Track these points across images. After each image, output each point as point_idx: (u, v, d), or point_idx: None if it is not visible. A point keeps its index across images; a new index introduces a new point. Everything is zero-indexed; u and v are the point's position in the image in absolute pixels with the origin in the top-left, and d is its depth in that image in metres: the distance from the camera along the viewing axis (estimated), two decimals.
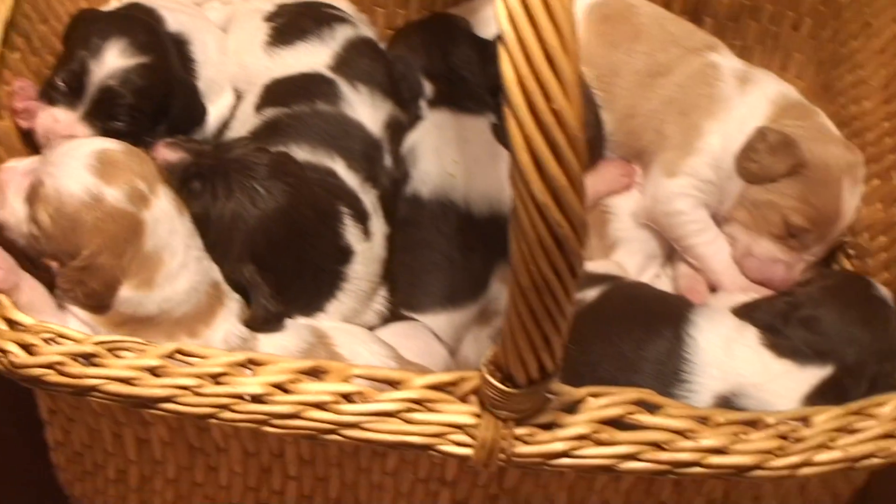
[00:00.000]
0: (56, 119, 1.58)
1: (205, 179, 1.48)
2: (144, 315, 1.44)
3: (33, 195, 1.43)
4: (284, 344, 1.49)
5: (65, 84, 1.58)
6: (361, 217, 1.57)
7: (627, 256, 1.69)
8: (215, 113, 1.70)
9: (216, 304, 1.48)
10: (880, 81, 1.64)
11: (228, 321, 1.48)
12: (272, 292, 1.47)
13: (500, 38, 1.00)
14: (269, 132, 1.60)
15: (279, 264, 1.49)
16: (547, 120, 1.01)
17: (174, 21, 1.70)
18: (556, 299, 1.11)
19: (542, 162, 1.02)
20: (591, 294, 1.53)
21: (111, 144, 1.48)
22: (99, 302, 1.43)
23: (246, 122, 1.65)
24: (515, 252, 1.09)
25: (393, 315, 1.63)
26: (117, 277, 1.43)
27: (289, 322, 1.50)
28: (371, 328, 1.61)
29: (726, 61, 1.73)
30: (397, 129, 1.66)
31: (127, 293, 1.43)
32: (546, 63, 1.00)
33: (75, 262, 1.42)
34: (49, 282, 1.47)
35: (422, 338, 1.59)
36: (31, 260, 1.46)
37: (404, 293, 1.61)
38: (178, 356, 1.30)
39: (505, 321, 1.16)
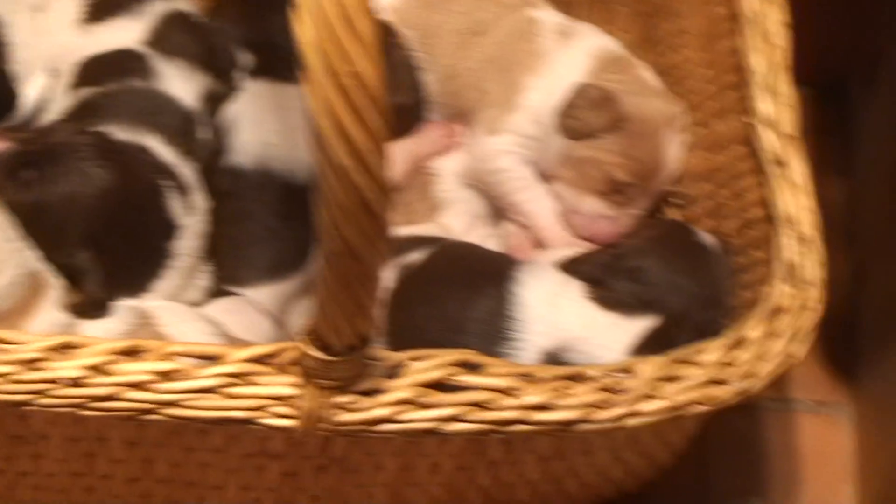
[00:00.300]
0: None
1: (36, 167, 1.48)
2: None
3: None
4: (108, 328, 1.49)
5: None
6: (184, 191, 1.58)
7: (454, 217, 1.70)
8: (31, 95, 1.68)
9: (37, 294, 1.47)
10: (699, 29, 1.67)
11: (49, 311, 1.47)
12: (103, 277, 1.47)
13: (294, 1, 1.01)
14: (85, 112, 1.60)
15: (113, 246, 1.49)
16: (347, 83, 1.01)
17: None
18: (365, 264, 1.13)
19: (344, 125, 1.02)
20: (415, 257, 1.55)
21: None
22: None
23: (62, 103, 1.64)
24: (322, 219, 1.10)
25: (218, 290, 1.63)
26: None
27: (113, 305, 1.50)
28: (197, 305, 1.61)
29: (546, 16, 1.74)
30: (215, 102, 1.67)
31: None
32: (344, 24, 0.99)
33: None
34: None
35: (247, 312, 1.59)
36: None
37: (228, 267, 1.62)
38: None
39: (317, 289, 1.17)
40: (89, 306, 1.46)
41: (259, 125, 1.63)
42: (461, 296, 1.51)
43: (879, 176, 1.86)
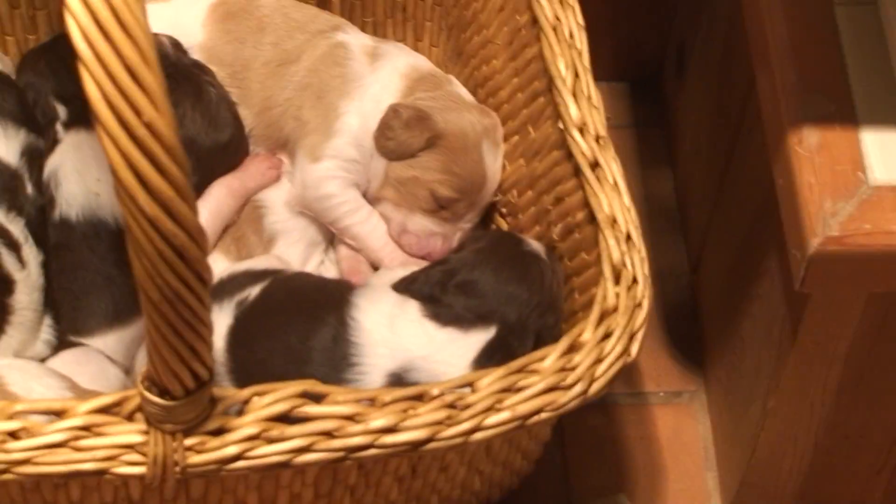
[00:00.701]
0: None
1: None
2: None
3: None
4: None
5: None
6: (14, 247, 1.59)
7: (288, 248, 1.73)
8: None
9: None
10: (504, 39, 1.71)
11: None
12: None
13: (78, 58, 1.01)
14: None
15: None
16: (140, 133, 1.02)
17: None
18: (190, 308, 1.14)
19: (144, 176, 1.04)
20: (253, 292, 1.56)
21: None
22: None
23: None
24: (138, 269, 1.11)
25: (63, 342, 1.64)
26: None
27: None
28: (42, 359, 1.61)
29: (355, 39, 1.78)
30: (37, 156, 1.67)
31: None
32: (129, 78, 1.01)
33: None
34: None
35: (94, 362, 1.61)
36: None
37: (69, 318, 1.63)
38: None
39: (147, 337, 1.18)
40: None
41: (82, 175, 1.64)
42: (301, 327, 1.53)
43: (700, 165, 1.91)
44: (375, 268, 1.72)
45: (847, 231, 1.40)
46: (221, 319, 1.53)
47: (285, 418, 1.32)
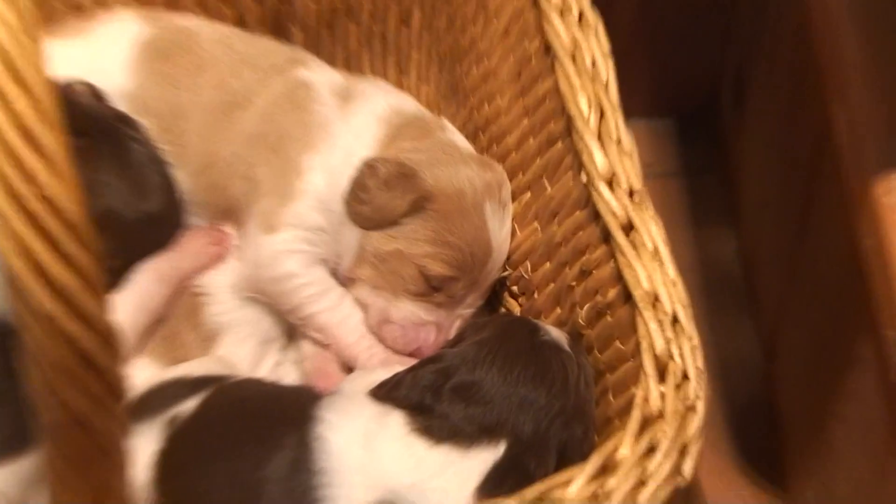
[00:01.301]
0: None
1: None
2: None
3: None
4: None
5: None
6: None
7: (235, 346, 1.69)
8: None
9: None
10: (510, 70, 1.69)
11: None
12: None
13: None
14: None
15: None
16: (35, 209, 0.98)
17: None
18: (98, 434, 1.07)
19: (42, 264, 0.99)
20: (189, 406, 1.50)
21: None
22: None
23: None
24: (34, 383, 1.05)
25: None
26: None
27: None
28: None
29: (321, 77, 1.76)
30: None
31: None
32: (21, 139, 0.97)
33: None
34: None
35: None
36: None
37: None
38: None
39: (45, 472, 1.12)
40: None
41: None
42: (251, 451, 1.45)
43: (769, 221, 1.88)
44: (349, 369, 1.67)
45: None
46: (146, 444, 1.48)
47: None
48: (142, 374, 1.57)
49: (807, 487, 1.81)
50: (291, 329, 1.73)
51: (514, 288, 1.73)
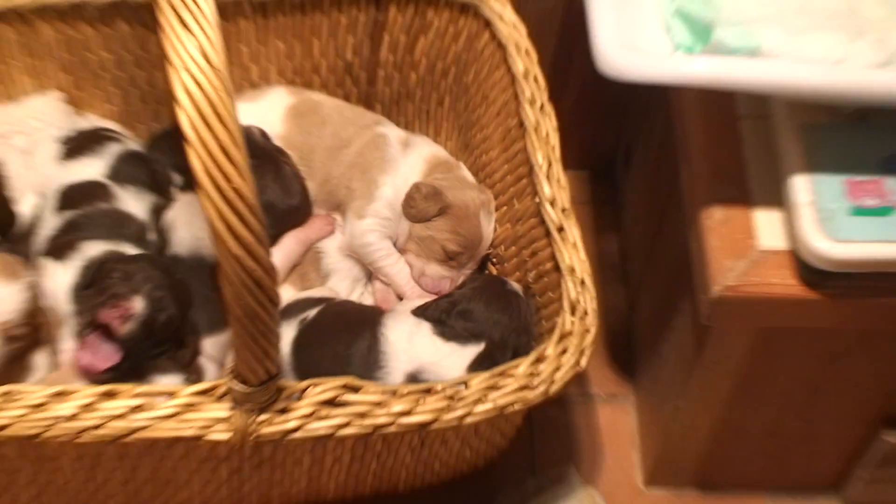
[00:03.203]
0: None
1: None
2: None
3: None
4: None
5: None
6: None
7: (338, 282, 1.70)
8: (26, 212, 1.66)
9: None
10: (499, 137, 1.69)
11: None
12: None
13: (186, 140, 1.04)
14: (70, 229, 1.59)
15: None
16: (230, 196, 1.05)
17: None
18: (263, 323, 1.15)
19: (233, 227, 1.06)
20: (311, 313, 1.55)
21: None
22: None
23: (51, 222, 1.62)
24: (227, 293, 1.12)
25: None
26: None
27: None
28: None
29: (391, 132, 1.74)
30: (158, 211, 1.66)
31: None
32: (223, 155, 1.04)
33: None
34: None
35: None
36: None
37: None
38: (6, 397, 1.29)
39: (233, 342, 1.20)
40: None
41: (189, 225, 1.62)
42: (345, 339, 1.52)
43: (638, 232, 1.89)
44: (400, 299, 1.70)
45: (740, 283, 1.40)
46: (287, 332, 1.52)
47: (332, 403, 1.32)
48: (286, 294, 1.59)
49: (644, 379, 1.82)
50: (369, 274, 1.73)
51: (494, 260, 1.72)
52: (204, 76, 1.02)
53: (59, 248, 1.58)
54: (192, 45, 1.02)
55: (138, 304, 1.45)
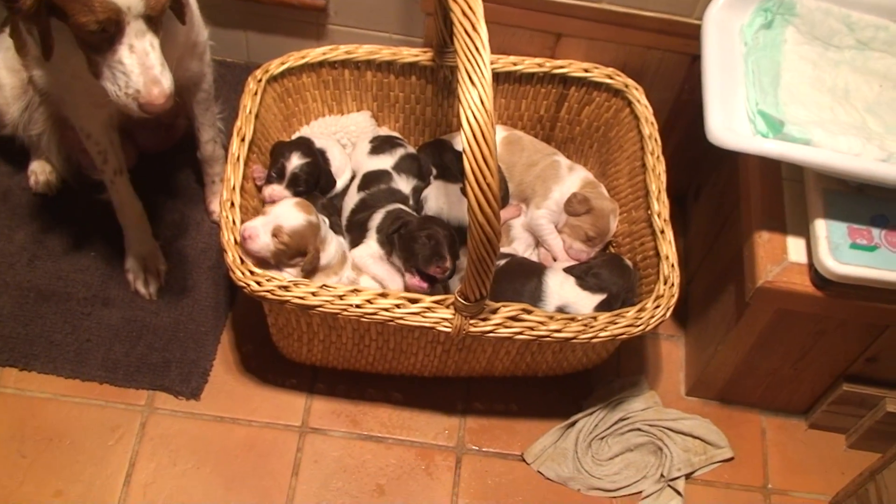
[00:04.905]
0: (274, 190, 1.56)
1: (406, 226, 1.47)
2: (319, 267, 1.45)
3: (277, 231, 1.40)
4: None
5: (276, 174, 1.56)
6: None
7: (519, 245, 1.68)
8: (340, 184, 1.68)
9: (343, 260, 1.49)
10: (626, 172, 1.66)
11: (347, 269, 1.49)
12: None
13: (463, 152, 1.06)
14: (364, 205, 1.61)
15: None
16: (483, 185, 1.08)
17: (319, 143, 1.65)
18: (486, 265, 1.19)
19: (482, 201, 1.10)
20: (501, 262, 1.54)
21: (296, 199, 1.48)
22: (315, 266, 1.43)
23: (354, 198, 1.61)
24: (469, 244, 1.15)
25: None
26: (320, 254, 1.44)
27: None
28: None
29: (562, 160, 1.70)
30: (419, 191, 1.66)
31: (322, 258, 1.44)
32: (483, 162, 1.07)
33: (308, 255, 1.41)
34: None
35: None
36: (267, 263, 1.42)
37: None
38: (323, 288, 1.34)
39: (466, 273, 1.23)
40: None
41: (438, 200, 1.62)
42: (521, 280, 1.52)
43: (699, 240, 1.80)
44: (555, 260, 1.66)
45: (774, 279, 1.41)
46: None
47: (513, 318, 1.36)
48: None
49: (693, 328, 1.73)
50: (538, 243, 1.69)
51: (614, 244, 1.68)
52: (480, 114, 1.06)
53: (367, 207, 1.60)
54: (475, 95, 1.06)
55: (449, 264, 1.48)
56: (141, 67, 1.19)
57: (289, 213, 1.43)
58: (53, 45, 1.23)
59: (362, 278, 1.51)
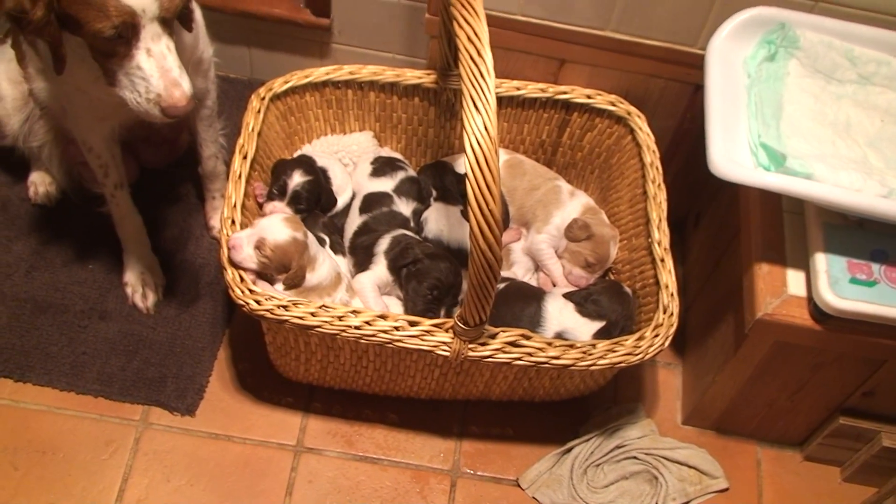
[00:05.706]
0: (275, 207, 1.56)
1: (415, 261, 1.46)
2: (310, 287, 1.44)
3: (260, 244, 1.39)
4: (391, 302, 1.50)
5: (277, 191, 1.57)
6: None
7: (518, 269, 1.68)
8: (340, 203, 1.68)
9: (337, 281, 1.47)
10: (627, 199, 1.66)
11: (342, 291, 1.47)
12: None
13: (466, 177, 1.05)
14: (366, 228, 1.61)
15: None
16: (486, 211, 1.08)
17: (321, 162, 1.66)
18: (487, 290, 1.18)
19: (483, 227, 1.09)
20: (500, 286, 1.53)
21: (287, 215, 1.47)
22: (298, 283, 1.42)
23: (356, 221, 1.61)
24: (471, 267, 1.14)
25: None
26: (305, 271, 1.42)
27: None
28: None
29: (564, 185, 1.71)
30: (419, 213, 1.65)
31: (309, 276, 1.43)
32: (486, 188, 1.07)
33: (291, 270, 1.41)
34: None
35: None
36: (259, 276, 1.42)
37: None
38: (322, 308, 1.33)
39: (465, 296, 1.21)
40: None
41: (438, 222, 1.62)
42: (521, 305, 1.52)
43: (697, 268, 1.80)
44: (554, 286, 1.66)
45: (773, 312, 1.40)
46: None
47: (512, 344, 1.35)
48: None
49: (691, 356, 1.72)
50: (537, 267, 1.68)
51: (614, 270, 1.68)
52: (484, 140, 1.06)
53: (368, 231, 1.59)
54: (479, 121, 1.06)
55: (443, 315, 1.46)
56: (160, 71, 1.16)
57: (275, 227, 1.42)
58: (66, 57, 1.22)
59: (354, 300, 1.50)
